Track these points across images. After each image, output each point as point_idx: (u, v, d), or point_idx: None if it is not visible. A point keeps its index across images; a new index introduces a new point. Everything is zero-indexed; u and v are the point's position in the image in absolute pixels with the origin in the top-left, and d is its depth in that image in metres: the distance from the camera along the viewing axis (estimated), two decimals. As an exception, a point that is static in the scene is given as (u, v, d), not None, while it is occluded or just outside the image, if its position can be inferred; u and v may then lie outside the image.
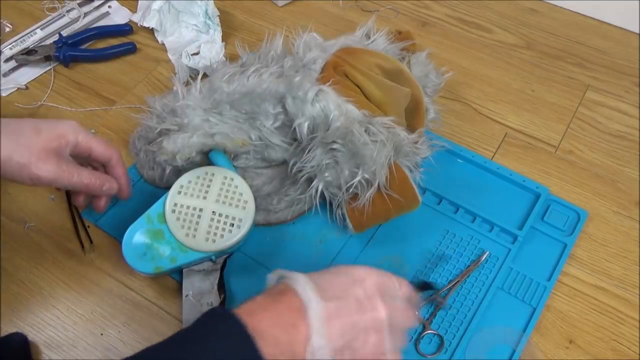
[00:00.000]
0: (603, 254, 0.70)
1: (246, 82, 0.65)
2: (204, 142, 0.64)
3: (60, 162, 0.56)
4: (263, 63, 0.71)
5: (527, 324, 0.63)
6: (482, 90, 0.87)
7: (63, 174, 0.56)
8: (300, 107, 0.63)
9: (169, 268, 0.62)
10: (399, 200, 0.64)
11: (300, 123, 0.64)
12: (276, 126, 0.67)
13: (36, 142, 0.54)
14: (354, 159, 0.62)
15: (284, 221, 0.70)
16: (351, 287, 0.45)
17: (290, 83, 0.64)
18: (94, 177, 0.59)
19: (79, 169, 0.58)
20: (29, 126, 0.55)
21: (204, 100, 0.66)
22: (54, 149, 0.55)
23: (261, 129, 0.67)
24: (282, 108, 0.66)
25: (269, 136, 0.67)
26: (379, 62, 0.69)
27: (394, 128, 0.64)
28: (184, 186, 0.64)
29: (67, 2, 0.97)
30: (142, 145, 0.74)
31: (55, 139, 0.56)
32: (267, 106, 0.66)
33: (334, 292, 0.44)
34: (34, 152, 0.54)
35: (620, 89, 0.87)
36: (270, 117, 0.66)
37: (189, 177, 0.65)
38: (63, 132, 0.57)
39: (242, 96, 0.65)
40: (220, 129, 0.65)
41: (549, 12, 0.98)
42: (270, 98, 0.65)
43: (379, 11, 0.98)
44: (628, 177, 0.77)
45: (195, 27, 0.91)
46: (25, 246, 0.70)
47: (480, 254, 0.68)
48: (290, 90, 0.64)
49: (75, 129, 0.58)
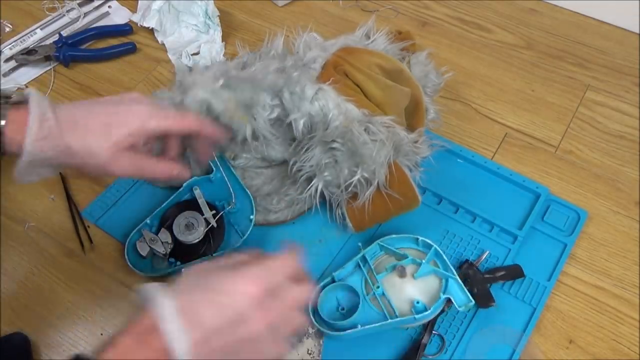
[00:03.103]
0: (603, 254, 0.70)
1: (252, 69, 0.66)
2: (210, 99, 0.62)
3: (134, 158, 0.54)
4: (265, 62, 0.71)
5: (527, 324, 0.63)
6: (482, 90, 0.87)
7: (136, 170, 0.55)
8: (296, 103, 0.63)
9: (169, 269, 0.62)
10: (399, 199, 0.64)
11: (296, 119, 0.63)
12: (271, 117, 0.67)
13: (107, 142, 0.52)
14: (353, 158, 0.62)
15: (284, 221, 0.70)
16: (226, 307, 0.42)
17: (289, 77, 0.64)
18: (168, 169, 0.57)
19: (153, 163, 0.56)
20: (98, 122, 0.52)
21: (215, 78, 0.65)
22: (127, 147, 0.53)
23: (257, 119, 0.66)
24: (279, 101, 0.66)
25: (262, 128, 0.66)
26: (379, 62, 0.69)
27: (393, 127, 0.64)
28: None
29: (67, 2, 0.97)
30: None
31: (126, 138, 0.52)
32: (265, 97, 0.66)
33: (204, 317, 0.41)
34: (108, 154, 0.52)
35: (620, 89, 0.87)
36: (267, 107, 0.66)
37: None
38: (134, 129, 0.53)
39: (244, 81, 0.65)
40: (228, 93, 0.64)
41: (549, 12, 0.98)
42: (269, 89, 0.65)
43: (379, 11, 0.98)
44: (628, 177, 0.77)
45: (195, 27, 0.91)
46: (25, 246, 0.70)
47: (480, 254, 0.68)
48: (288, 85, 0.64)
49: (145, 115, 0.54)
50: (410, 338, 0.62)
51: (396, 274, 0.62)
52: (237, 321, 0.42)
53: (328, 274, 0.64)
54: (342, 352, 0.61)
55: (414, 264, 0.63)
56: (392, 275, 0.63)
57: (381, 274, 0.62)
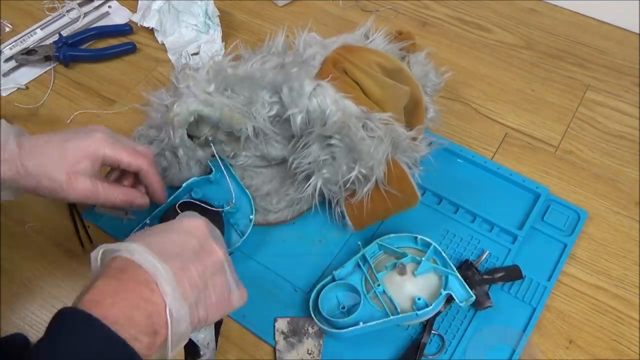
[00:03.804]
0: (603, 254, 0.70)
1: (249, 68, 0.66)
2: (202, 109, 0.64)
3: (90, 183, 0.56)
4: (263, 57, 0.71)
5: (527, 324, 0.63)
6: (482, 90, 0.87)
7: (92, 195, 0.56)
8: (295, 99, 0.63)
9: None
10: (398, 196, 0.64)
11: (294, 114, 0.64)
12: (271, 115, 0.67)
13: (63, 165, 0.54)
14: (351, 154, 0.62)
15: (284, 221, 0.70)
16: (185, 240, 0.46)
17: (288, 73, 0.64)
18: (124, 196, 0.59)
19: (109, 188, 0.58)
20: (56, 148, 0.55)
21: (209, 81, 0.66)
22: (82, 170, 0.55)
23: (256, 117, 0.66)
24: (278, 98, 0.66)
25: (262, 125, 0.67)
26: (379, 60, 0.69)
27: (392, 124, 0.64)
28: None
29: (67, 2, 0.97)
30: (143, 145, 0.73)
31: (82, 160, 0.55)
32: (265, 94, 0.66)
33: (172, 251, 0.44)
34: (62, 177, 0.54)
35: (620, 89, 0.87)
36: (266, 105, 0.66)
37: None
38: (89, 152, 0.56)
39: (242, 80, 0.65)
40: (221, 100, 0.65)
41: (549, 12, 0.98)
42: (268, 86, 0.65)
43: (379, 11, 0.98)
44: (628, 177, 0.77)
45: (195, 27, 0.91)
46: (25, 246, 0.70)
47: (480, 254, 0.68)
48: (287, 81, 0.64)
49: (101, 142, 0.57)
50: (410, 338, 0.62)
51: (396, 272, 0.62)
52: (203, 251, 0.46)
53: (328, 273, 0.64)
54: (342, 352, 0.61)
55: (413, 262, 0.63)
56: (393, 273, 0.63)
57: (381, 273, 0.62)
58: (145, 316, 0.40)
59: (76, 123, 0.82)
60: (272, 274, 0.67)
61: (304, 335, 0.62)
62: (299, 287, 0.66)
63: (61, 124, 0.82)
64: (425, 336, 0.61)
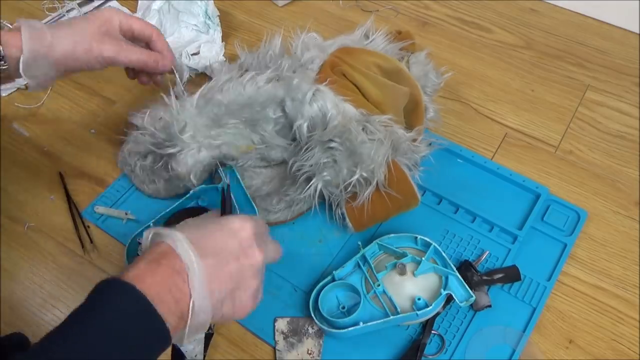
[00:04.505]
0: (603, 254, 0.70)
1: (243, 90, 0.65)
2: (212, 155, 0.65)
3: (117, 42, 0.63)
4: (262, 63, 0.71)
5: (527, 324, 0.63)
6: (482, 90, 0.87)
7: (122, 51, 0.63)
8: (299, 109, 0.63)
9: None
10: (398, 198, 0.64)
11: (300, 124, 0.64)
12: (277, 129, 0.67)
13: (89, 28, 0.61)
14: (352, 157, 0.62)
15: (284, 221, 0.70)
16: (228, 240, 0.48)
17: (289, 85, 0.64)
18: (149, 54, 0.65)
19: (135, 46, 0.65)
20: (79, 21, 0.62)
21: (200, 115, 0.66)
22: (106, 31, 0.62)
23: (262, 133, 0.67)
24: (282, 112, 0.66)
25: (270, 138, 0.67)
26: (378, 62, 0.69)
27: (391, 126, 0.64)
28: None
29: (67, 2, 0.97)
30: (136, 160, 0.71)
31: (104, 23, 0.62)
32: (268, 112, 0.66)
33: (212, 248, 0.47)
34: (91, 36, 0.61)
35: (620, 89, 0.87)
36: (270, 121, 0.66)
37: None
38: (107, 17, 0.63)
39: (241, 107, 0.65)
40: (224, 139, 0.66)
41: (549, 12, 0.98)
42: (271, 104, 0.65)
43: (379, 11, 0.98)
44: (628, 177, 0.77)
45: (195, 27, 0.91)
46: (25, 246, 0.70)
47: (480, 254, 0.68)
48: (289, 93, 0.64)
49: (115, 12, 0.64)
50: (410, 338, 0.62)
51: (396, 272, 0.62)
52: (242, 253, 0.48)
53: (328, 273, 0.64)
54: (342, 352, 0.61)
55: (413, 262, 0.63)
56: (392, 273, 0.63)
57: (381, 273, 0.62)
58: (174, 301, 0.43)
59: (76, 123, 0.82)
60: (272, 274, 0.67)
61: (304, 335, 0.62)
62: (299, 287, 0.66)
63: (61, 124, 0.82)
64: (425, 336, 0.61)
